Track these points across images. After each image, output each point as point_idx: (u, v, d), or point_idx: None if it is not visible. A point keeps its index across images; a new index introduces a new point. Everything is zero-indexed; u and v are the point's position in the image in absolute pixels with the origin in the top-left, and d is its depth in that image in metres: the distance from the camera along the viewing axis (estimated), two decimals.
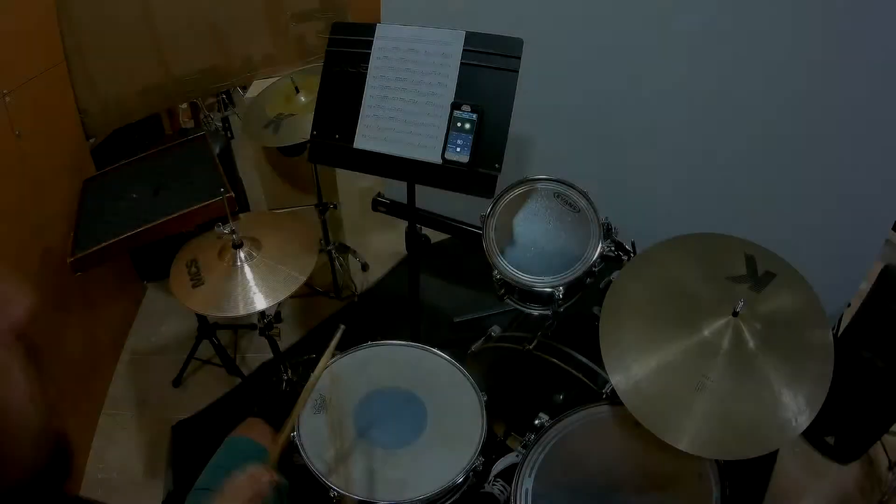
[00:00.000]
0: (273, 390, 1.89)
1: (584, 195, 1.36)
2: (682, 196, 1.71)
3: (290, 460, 1.18)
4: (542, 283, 1.32)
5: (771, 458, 1.73)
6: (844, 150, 1.43)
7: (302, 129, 1.76)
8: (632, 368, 1.07)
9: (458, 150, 1.22)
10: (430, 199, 2.04)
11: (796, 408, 0.98)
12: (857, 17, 1.29)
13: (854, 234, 1.52)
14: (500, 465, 1.37)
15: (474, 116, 1.21)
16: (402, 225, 1.58)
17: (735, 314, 1.06)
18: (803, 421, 0.97)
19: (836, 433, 1.81)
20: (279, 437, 1.11)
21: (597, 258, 1.31)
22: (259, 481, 0.99)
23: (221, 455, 1.21)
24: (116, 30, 2.03)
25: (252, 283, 1.45)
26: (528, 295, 1.39)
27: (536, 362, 1.41)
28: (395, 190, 2.10)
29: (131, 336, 2.37)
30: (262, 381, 2.11)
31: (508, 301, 1.42)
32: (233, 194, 1.57)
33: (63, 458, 0.43)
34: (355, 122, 1.31)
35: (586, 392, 1.34)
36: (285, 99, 1.91)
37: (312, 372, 1.19)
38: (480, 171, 1.22)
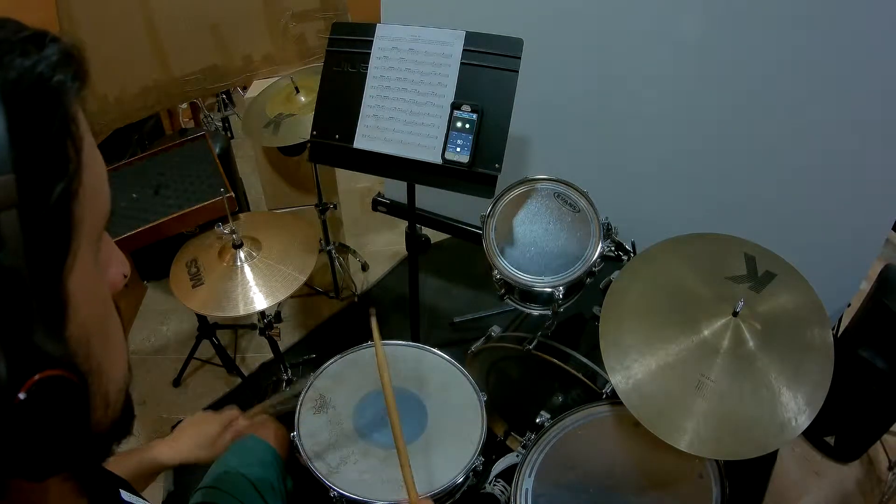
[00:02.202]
0: (273, 390, 1.90)
1: (584, 195, 1.36)
2: (682, 196, 1.71)
3: (296, 460, 1.18)
4: (542, 283, 1.32)
5: (771, 458, 1.73)
6: (844, 150, 1.43)
7: (302, 129, 1.76)
8: (632, 368, 1.07)
9: (458, 150, 1.22)
10: (430, 199, 2.05)
11: (796, 408, 0.98)
12: (858, 17, 1.29)
13: (854, 234, 1.52)
14: (500, 466, 1.37)
15: (474, 116, 1.21)
16: (402, 225, 1.59)
17: (735, 314, 1.06)
18: (803, 421, 0.97)
19: (836, 433, 1.81)
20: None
21: (597, 258, 1.31)
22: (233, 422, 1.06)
23: (227, 453, 1.21)
24: (116, 29, 2.03)
25: (252, 283, 1.45)
26: (528, 295, 1.39)
27: (536, 362, 1.41)
28: (395, 190, 2.10)
29: (131, 336, 2.37)
30: (262, 381, 2.12)
31: (508, 301, 1.42)
32: (233, 194, 1.57)
33: (129, 413, 0.43)
34: (355, 122, 1.31)
35: (586, 392, 1.34)
36: (285, 99, 1.91)
37: (313, 372, 1.20)
38: (480, 171, 1.22)
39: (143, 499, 0.61)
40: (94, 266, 0.37)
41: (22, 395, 0.30)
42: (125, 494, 0.57)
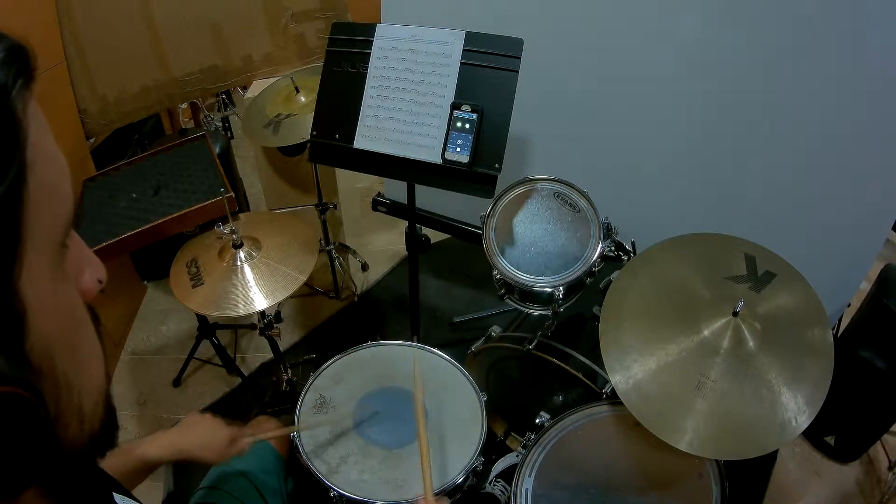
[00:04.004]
0: (273, 390, 1.90)
1: (584, 195, 1.36)
2: (682, 196, 1.71)
3: (296, 460, 1.18)
4: (542, 283, 1.32)
5: (771, 458, 1.73)
6: (844, 150, 1.43)
7: (302, 129, 1.76)
8: (632, 368, 1.07)
9: (458, 150, 1.22)
10: (430, 199, 2.05)
11: (796, 408, 0.98)
12: (857, 18, 1.29)
13: (854, 234, 1.52)
14: (500, 466, 1.37)
15: (474, 116, 1.21)
16: (402, 225, 1.59)
17: (735, 314, 1.06)
18: (803, 421, 0.97)
19: (836, 433, 1.81)
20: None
21: (597, 258, 1.31)
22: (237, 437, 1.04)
23: None
24: (116, 30, 2.03)
25: (252, 283, 1.45)
26: (528, 295, 1.39)
27: (536, 362, 1.41)
28: (395, 190, 2.10)
29: (131, 336, 2.37)
30: (262, 381, 2.12)
31: (508, 301, 1.42)
32: (233, 194, 1.57)
33: (112, 425, 0.42)
34: (355, 122, 1.31)
35: (586, 392, 1.34)
36: (285, 99, 1.91)
37: (313, 372, 1.19)
38: (480, 171, 1.22)
39: (137, 500, 0.60)
40: (55, 273, 0.35)
41: None
42: (117, 497, 0.57)
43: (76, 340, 0.37)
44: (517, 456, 1.34)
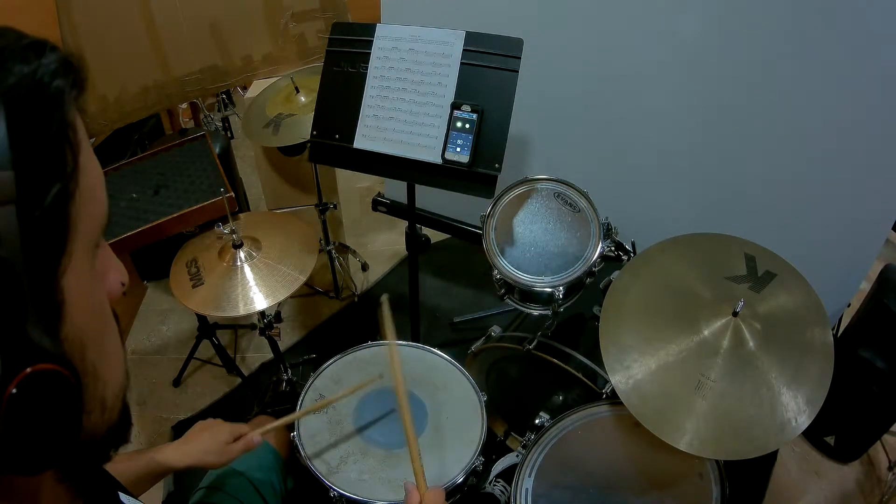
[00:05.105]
0: (273, 390, 1.90)
1: (585, 195, 1.36)
2: (682, 196, 1.71)
3: (296, 460, 1.18)
4: (542, 283, 1.32)
5: (771, 458, 1.73)
6: (844, 150, 1.43)
7: (302, 129, 1.76)
8: (632, 368, 1.07)
9: (458, 150, 1.22)
10: (430, 199, 2.05)
11: (796, 408, 0.98)
12: (858, 17, 1.29)
13: (854, 234, 1.52)
14: (500, 466, 1.37)
15: (474, 116, 1.21)
16: (402, 225, 1.59)
17: (735, 314, 1.06)
18: (803, 421, 0.97)
19: (836, 433, 1.81)
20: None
21: (597, 258, 1.31)
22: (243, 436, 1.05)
23: None
24: (116, 30, 2.03)
25: (252, 283, 1.45)
26: (528, 295, 1.39)
27: (536, 362, 1.41)
28: (395, 190, 2.10)
29: (131, 336, 2.37)
30: (262, 381, 2.12)
31: (508, 301, 1.42)
32: (233, 194, 1.57)
33: (126, 420, 0.44)
34: (355, 122, 1.31)
35: (586, 392, 1.34)
36: (285, 99, 1.91)
37: (312, 371, 1.19)
38: (480, 171, 1.22)
39: (139, 501, 0.61)
40: (89, 271, 0.37)
41: (14, 390, 0.31)
42: (123, 497, 0.57)
43: (104, 335, 0.40)
44: (517, 456, 1.34)
